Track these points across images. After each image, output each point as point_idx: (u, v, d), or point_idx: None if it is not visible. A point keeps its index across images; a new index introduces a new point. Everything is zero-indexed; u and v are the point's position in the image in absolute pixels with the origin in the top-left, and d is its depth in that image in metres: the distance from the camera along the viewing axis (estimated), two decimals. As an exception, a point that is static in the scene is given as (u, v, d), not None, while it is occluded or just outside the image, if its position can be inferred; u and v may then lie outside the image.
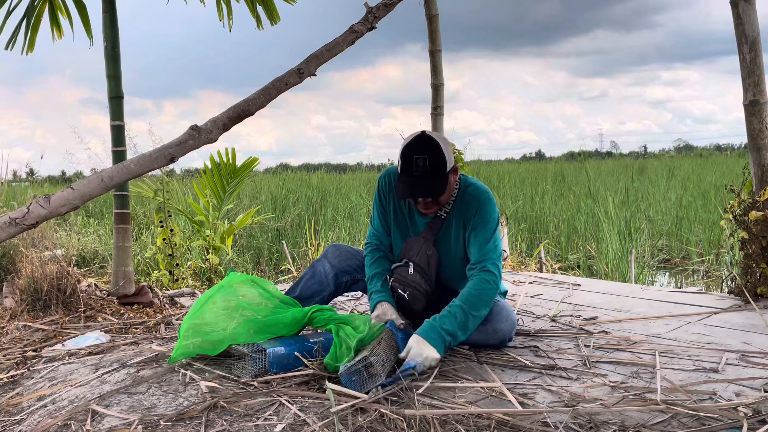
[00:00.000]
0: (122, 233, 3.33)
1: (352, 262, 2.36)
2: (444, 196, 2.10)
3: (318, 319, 2.06)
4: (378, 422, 1.56)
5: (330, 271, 2.33)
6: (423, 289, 2.17)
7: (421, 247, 2.19)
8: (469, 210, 2.15)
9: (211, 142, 2.07)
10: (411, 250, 2.21)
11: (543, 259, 5.07)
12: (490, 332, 2.14)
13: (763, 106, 2.83)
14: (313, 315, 2.06)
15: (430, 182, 2.03)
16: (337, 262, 2.34)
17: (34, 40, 3.60)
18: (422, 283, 2.17)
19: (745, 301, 2.80)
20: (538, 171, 16.16)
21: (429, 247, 2.19)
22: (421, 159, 2.01)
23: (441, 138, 2.11)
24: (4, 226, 1.74)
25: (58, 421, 1.71)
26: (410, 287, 2.17)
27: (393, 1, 2.34)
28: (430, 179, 2.02)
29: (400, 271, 2.21)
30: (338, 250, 2.39)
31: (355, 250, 2.42)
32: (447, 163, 2.05)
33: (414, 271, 2.17)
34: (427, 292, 2.18)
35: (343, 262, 2.34)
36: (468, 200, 2.16)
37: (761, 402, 1.61)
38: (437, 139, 2.06)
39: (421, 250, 2.19)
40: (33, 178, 13.22)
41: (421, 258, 2.19)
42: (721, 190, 8.80)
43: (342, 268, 2.34)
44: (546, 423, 1.54)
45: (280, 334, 2.05)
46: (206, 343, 2.01)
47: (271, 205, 9.47)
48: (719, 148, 31.30)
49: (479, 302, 2.03)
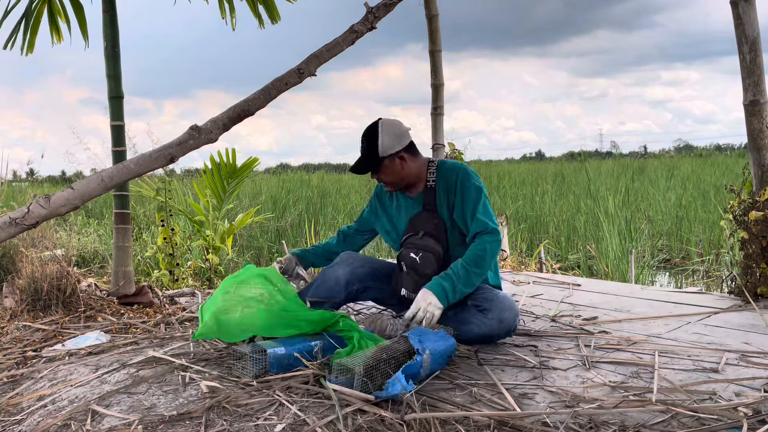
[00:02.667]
0: (122, 233, 3.33)
1: (364, 270, 2.38)
2: (386, 177, 2.32)
3: (343, 325, 2.06)
4: (378, 422, 1.56)
5: (342, 278, 2.34)
6: (435, 251, 2.27)
7: (428, 218, 2.32)
8: (449, 180, 2.32)
9: (211, 142, 2.07)
10: (418, 224, 2.34)
11: (543, 259, 5.07)
12: (495, 322, 2.17)
13: (763, 106, 2.83)
14: (341, 320, 2.07)
15: (362, 162, 2.32)
16: (350, 269, 2.36)
17: (34, 42, 3.60)
18: (435, 245, 2.28)
19: (745, 301, 2.80)
20: (538, 171, 16.16)
21: (435, 216, 2.32)
22: (361, 141, 2.32)
23: (387, 127, 2.30)
24: (4, 226, 1.74)
25: (58, 421, 1.71)
26: (422, 250, 2.27)
27: (393, 1, 2.34)
28: (363, 160, 2.32)
29: (411, 239, 2.32)
30: (350, 258, 2.41)
31: (366, 258, 2.45)
32: (380, 149, 2.26)
33: (425, 236, 2.30)
34: (439, 254, 2.27)
35: (355, 270, 2.36)
36: (444, 173, 2.34)
37: (761, 402, 1.61)
38: (380, 128, 2.28)
39: (429, 220, 2.32)
40: (33, 178, 13.23)
41: (430, 226, 2.31)
42: (721, 190, 8.80)
43: (354, 276, 2.35)
44: (546, 423, 1.54)
45: (303, 330, 2.06)
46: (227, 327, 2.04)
47: (271, 205, 9.48)
48: (719, 148, 31.30)
49: (480, 260, 2.16)
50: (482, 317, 2.17)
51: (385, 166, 2.30)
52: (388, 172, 2.31)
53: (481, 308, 2.19)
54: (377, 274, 2.40)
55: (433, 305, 2.07)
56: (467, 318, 2.18)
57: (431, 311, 2.06)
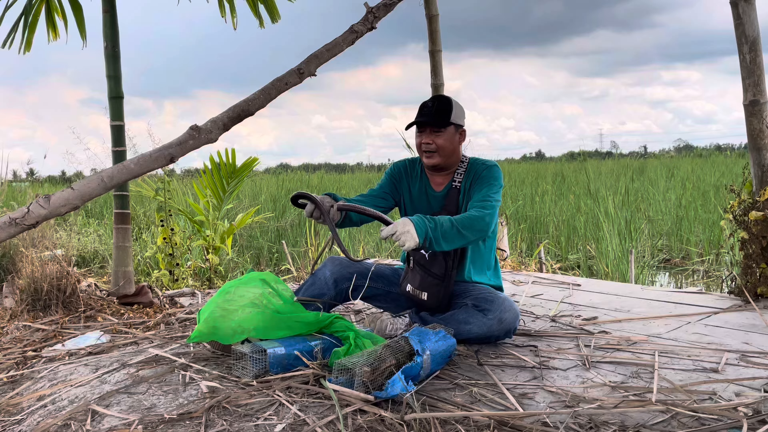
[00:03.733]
0: (122, 233, 3.33)
1: (352, 269, 2.38)
2: (443, 141, 2.31)
3: (338, 326, 2.06)
4: (378, 422, 1.56)
5: (330, 277, 2.35)
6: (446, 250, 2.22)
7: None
8: (478, 170, 2.34)
9: (211, 142, 2.07)
10: None
11: (543, 259, 5.07)
12: (495, 322, 2.17)
13: (763, 106, 2.83)
14: (336, 320, 2.07)
15: (433, 115, 2.31)
16: (338, 269, 2.36)
17: (31, 40, 3.60)
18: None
19: (745, 301, 2.80)
20: (538, 171, 16.16)
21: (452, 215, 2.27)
22: (430, 101, 2.34)
23: (456, 102, 2.35)
24: (4, 226, 1.74)
25: (58, 421, 1.71)
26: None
27: (393, 1, 2.34)
28: (433, 115, 2.31)
29: None
30: (337, 260, 2.42)
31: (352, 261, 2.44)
32: (453, 111, 2.31)
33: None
34: (448, 255, 2.25)
35: (342, 270, 2.36)
36: (477, 166, 2.36)
37: (761, 402, 1.61)
38: (451, 97, 2.36)
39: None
40: (33, 178, 13.23)
41: None
42: (721, 190, 8.81)
43: (342, 275, 2.35)
44: (546, 423, 1.54)
45: (297, 332, 2.05)
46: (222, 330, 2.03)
47: (271, 205, 9.47)
48: (719, 148, 31.28)
49: (468, 222, 2.12)
50: (482, 317, 2.18)
51: (449, 131, 2.32)
52: (447, 138, 2.32)
53: (481, 308, 2.19)
54: (366, 274, 2.39)
55: (410, 234, 2.00)
56: (467, 318, 2.19)
57: (405, 239, 1.99)
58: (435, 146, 2.31)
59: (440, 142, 2.31)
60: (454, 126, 2.32)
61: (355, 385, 1.72)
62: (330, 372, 1.86)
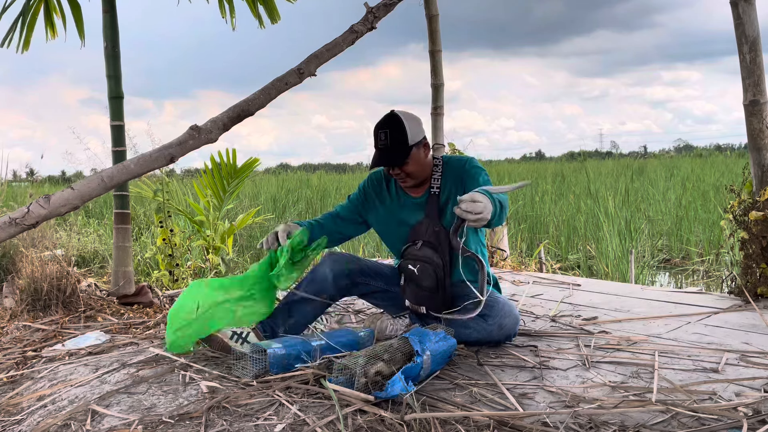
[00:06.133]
0: (122, 233, 3.33)
1: (352, 266, 2.38)
2: (412, 168, 2.22)
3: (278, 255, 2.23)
4: (378, 422, 1.56)
5: (329, 273, 2.34)
6: (434, 262, 2.21)
7: (428, 226, 2.25)
8: (457, 171, 2.26)
9: (211, 142, 2.07)
10: (418, 233, 2.27)
11: (543, 259, 5.07)
12: (495, 328, 2.16)
13: (763, 106, 2.83)
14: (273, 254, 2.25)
15: (390, 154, 2.20)
16: (337, 265, 2.36)
17: (30, 39, 3.59)
18: (434, 256, 2.21)
19: (745, 301, 2.80)
20: (538, 171, 16.17)
21: (436, 224, 2.24)
22: (383, 133, 2.20)
23: (408, 116, 2.23)
24: (4, 226, 1.74)
25: (58, 421, 1.71)
26: (420, 261, 2.22)
27: (393, 1, 2.34)
28: (391, 151, 2.19)
29: (410, 249, 2.27)
30: (335, 255, 2.42)
31: (354, 256, 2.44)
32: (408, 136, 2.19)
33: (424, 246, 2.23)
34: (438, 265, 2.21)
35: (341, 266, 2.36)
36: (453, 166, 2.29)
37: (761, 402, 1.61)
38: (401, 116, 2.21)
39: (429, 229, 2.25)
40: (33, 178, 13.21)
41: (430, 235, 2.24)
42: (721, 190, 8.80)
43: (340, 271, 2.35)
44: (546, 423, 1.55)
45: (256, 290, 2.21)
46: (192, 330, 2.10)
47: (271, 205, 9.48)
48: (719, 148, 31.29)
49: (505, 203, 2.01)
50: (482, 322, 2.16)
51: (413, 156, 2.21)
52: (415, 162, 2.22)
53: (481, 313, 2.16)
54: (366, 272, 2.38)
55: (488, 211, 1.83)
56: (467, 322, 2.16)
57: (485, 216, 1.83)
58: (404, 174, 2.24)
59: (408, 170, 2.22)
60: (416, 147, 2.21)
61: (355, 385, 1.72)
62: (330, 372, 1.87)
